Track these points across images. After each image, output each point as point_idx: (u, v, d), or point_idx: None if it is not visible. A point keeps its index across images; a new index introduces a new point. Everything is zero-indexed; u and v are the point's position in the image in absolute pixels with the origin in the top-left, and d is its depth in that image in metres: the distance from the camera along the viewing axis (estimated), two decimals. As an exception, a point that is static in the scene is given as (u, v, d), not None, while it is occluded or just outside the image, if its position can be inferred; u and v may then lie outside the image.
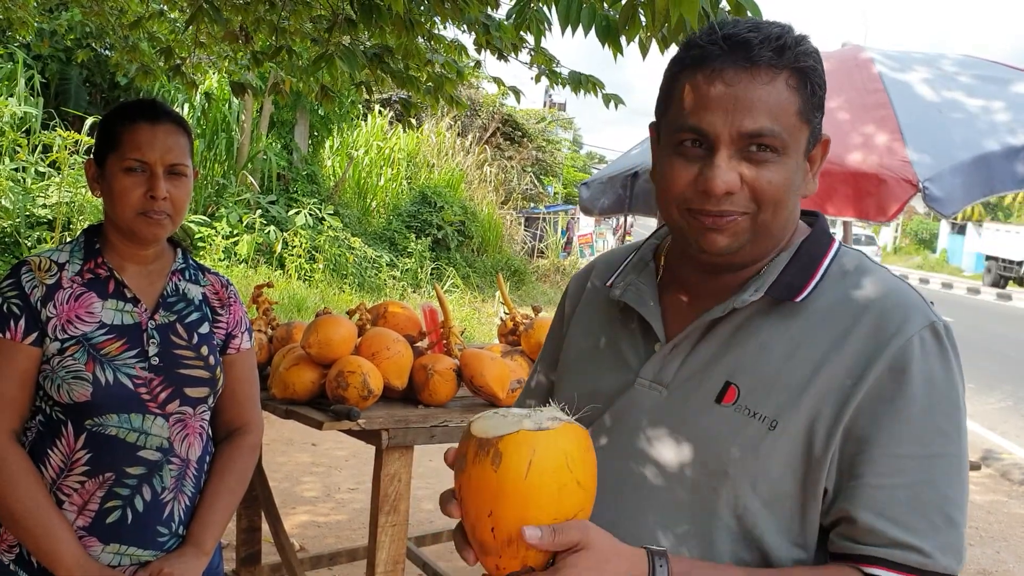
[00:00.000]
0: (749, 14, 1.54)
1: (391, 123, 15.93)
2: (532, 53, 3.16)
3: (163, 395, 1.57)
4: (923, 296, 0.99)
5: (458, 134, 17.44)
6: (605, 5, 1.87)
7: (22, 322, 1.52)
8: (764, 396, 0.96)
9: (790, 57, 0.94)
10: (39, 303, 1.53)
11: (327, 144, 14.26)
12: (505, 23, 2.65)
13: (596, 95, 3.05)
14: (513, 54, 3.08)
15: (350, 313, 2.63)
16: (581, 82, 3.02)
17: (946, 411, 0.93)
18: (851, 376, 0.93)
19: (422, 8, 2.57)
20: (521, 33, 2.57)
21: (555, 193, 22.49)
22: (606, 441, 1.06)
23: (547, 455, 0.81)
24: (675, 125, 0.98)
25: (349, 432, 2.27)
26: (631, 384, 1.06)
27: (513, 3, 1.98)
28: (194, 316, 1.66)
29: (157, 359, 1.57)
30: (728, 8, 1.59)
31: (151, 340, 1.58)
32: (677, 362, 1.03)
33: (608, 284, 1.14)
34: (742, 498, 0.95)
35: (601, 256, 1.27)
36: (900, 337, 0.93)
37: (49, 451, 1.53)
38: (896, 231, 36.83)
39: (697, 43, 0.97)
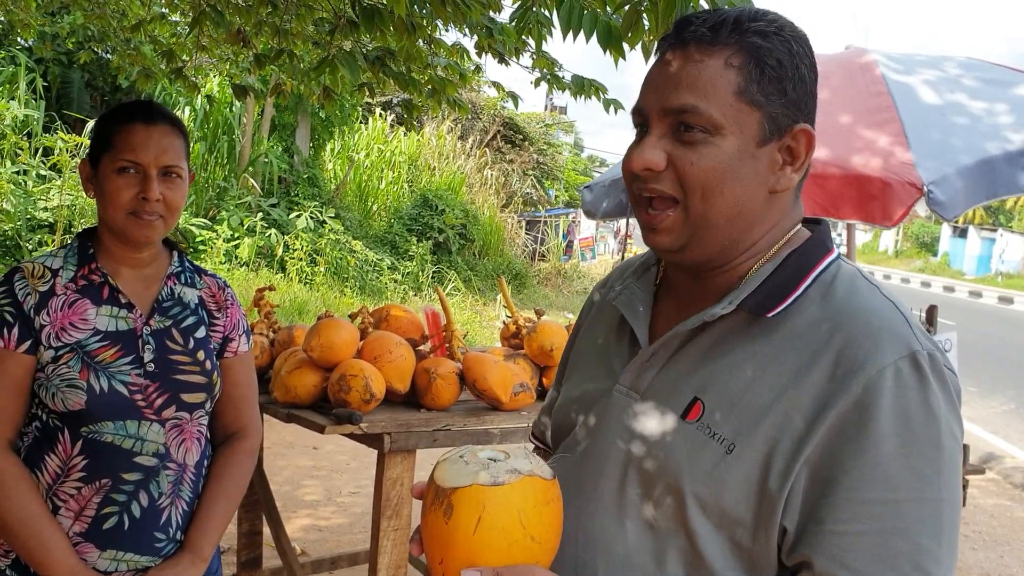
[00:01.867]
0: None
1: (392, 126, 15.93)
2: (534, 57, 3.15)
3: (159, 401, 1.55)
4: (911, 321, 0.90)
5: (459, 137, 17.44)
6: (608, 9, 1.86)
7: (15, 330, 1.50)
8: (725, 417, 0.91)
9: (727, 34, 0.91)
10: (32, 310, 1.51)
11: (328, 147, 14.25)
12: (508, 26, 2.64)
13: (599, 99, 3.04)
14: (515, 58, 3.07)
15: (352, 316, 2.62)
16: (584, 86, 3.01)
17: (923, 451, 0.84)
18: (812, 408, 0.86)
19: (423, 11, 2.57)
20: (523, 37, 2.56)
21: (556, 196, 22.48)
22: (584, 446, 1.05)
23: (497, 511, 0.81)
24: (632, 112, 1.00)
25: (351, 436, 2.26)
26: (610, 390, 1.04)
27: (515, 7, 1.97)
28: (190, 320, 1.64)
29: (152, 365, 1.55)
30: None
31: (146, 346, 1.56)
32: (653, 371, 1.00)
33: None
34: (695, 520, 0.91)
35: (626, 261, 1.24)
36: (869, 368, 0.85)
37: (46, 457, 1.51)
38: (897, 234, 36.79)
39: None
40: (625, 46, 1.83)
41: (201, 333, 1.65)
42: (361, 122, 15.23)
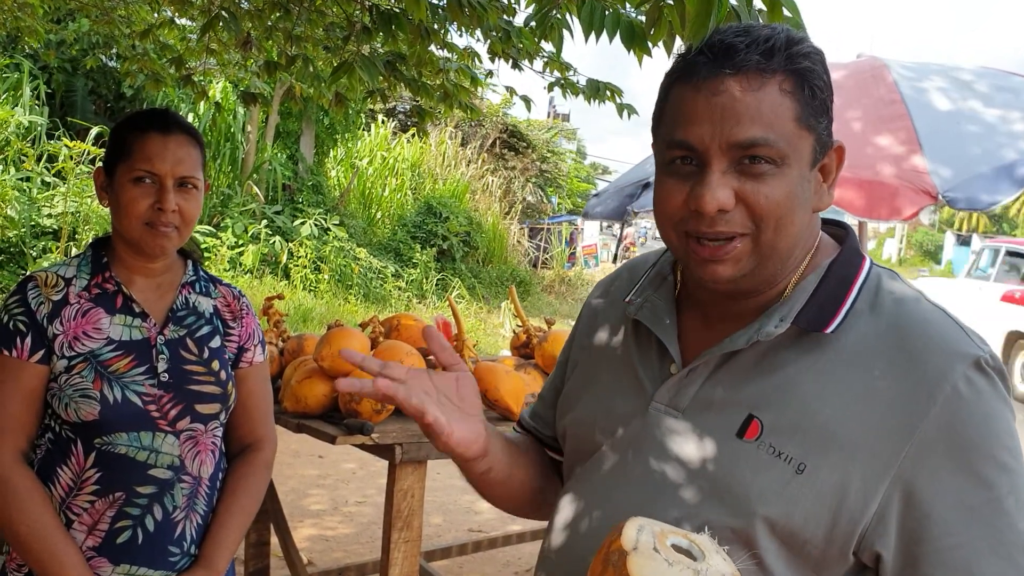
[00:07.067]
0: (786, 12, 1.48)
1: (394, 133, 15.93)
2: (547, 61, 3.12)
3: (173, 412, 1.52)
4: (962, 325, 0.91)
5: (460, 144, 17.43)
6: (628, 7, 1.82)
7: (28, 340, 1.47)
8: (790, 436, 0.89)
9: (781, 59, 0.87)
10: (45, 320, 1.48)
11: (332, 154, 14.26)
12: (525, 29, 2.62)
13: (614, 103, 3.01)
14: (528, 62, 3.05)
15: (363, 326, 2.59)
16: (599, 90, 2.98)
17: (1005, 444, 0.86)
18: (891, 429, 0.86)
19: (437, 15, 2.54)
20: (541, 42, 2.53)
21: (559, 204, 22.47)
22: (619, 465, 1.00)
23: None
24: (665, 142, 0.93)
25: (362, 447, 2.22)
26: (645, 407, 1.00)
27: (533, 10, 1.95)
28: (205, 330, 1.61)
29: (167, 375, 1.52)
30: (764, 9, 1.53)
31: (160, 356, 1.53)
32: (694, 388, 0.96)
33: (626, 299, 1.08)
34: (761, 539, 0.89)
35: (628, 263, 1.20)
36: (944, 384, 0.85)
37: (59, 470, 1.48)
38: (901, 243, 36.79)
39: (684, 55, 0.92)
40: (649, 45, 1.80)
41: (216, 343, 1.62)
42: (364, 129, 15.24)
